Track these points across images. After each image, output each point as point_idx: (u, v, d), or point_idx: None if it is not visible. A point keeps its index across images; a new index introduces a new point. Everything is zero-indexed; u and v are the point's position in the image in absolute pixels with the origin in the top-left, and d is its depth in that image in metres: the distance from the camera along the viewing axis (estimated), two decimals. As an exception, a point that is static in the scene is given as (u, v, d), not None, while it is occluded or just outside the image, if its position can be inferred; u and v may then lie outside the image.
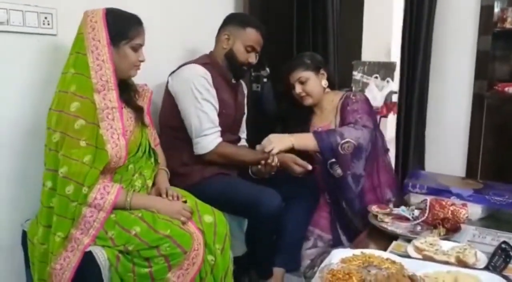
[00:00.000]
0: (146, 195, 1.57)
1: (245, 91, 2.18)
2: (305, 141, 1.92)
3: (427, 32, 2.50)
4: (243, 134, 2.18)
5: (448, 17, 2.62)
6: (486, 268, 1.22)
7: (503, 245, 1.31)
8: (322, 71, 2.08)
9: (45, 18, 1.62)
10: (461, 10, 2.62)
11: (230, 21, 1.97)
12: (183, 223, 1.47)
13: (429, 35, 2.52)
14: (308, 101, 2.06)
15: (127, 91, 1.61)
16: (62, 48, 1.54)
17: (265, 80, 2.61)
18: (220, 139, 1.87)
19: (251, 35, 1.92)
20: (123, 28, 1.49)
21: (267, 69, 2.60)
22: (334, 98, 2.10)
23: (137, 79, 1.68)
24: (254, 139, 2.20)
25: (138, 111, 1.62)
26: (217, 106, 1.90)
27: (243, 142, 2.17)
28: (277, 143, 1.88)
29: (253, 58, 1.95)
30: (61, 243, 1.38)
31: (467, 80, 2.64)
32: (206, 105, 1.85)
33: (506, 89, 2.69)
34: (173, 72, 1.93)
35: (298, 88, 2.04)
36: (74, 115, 1.40)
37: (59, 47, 1.60)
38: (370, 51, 2.32)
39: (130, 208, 1.46)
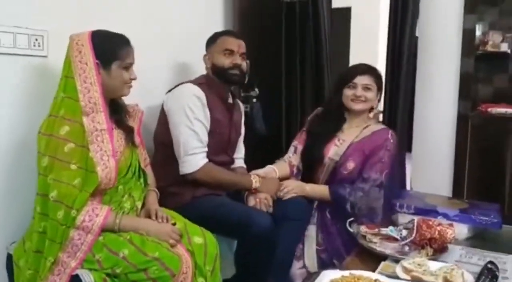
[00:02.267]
0: (135, 217, 1.56)
1: (242, 111, 2.19)
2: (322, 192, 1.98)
3: (409, 54, 2.56)
4: (239, 154, 2.18)
5: (432, 40, 2.69)
6: (473, 288, 1.24)
7: (489, 265, 1.33)
8: (379, 95, 2.10)
9: (36, 40, 1.63)
10: (444, 34, 2.70)
11: (207, 44, 2.04)
12: (172, 245, 1.46)
13: (411, 57, 2.58)
14: (359, 106, 2.03)
15: (117, 111, 1.61)
16: (53, 70, 1.55)
17: (254, 100, 2.64)
18: (206, 160, 1.88)
19: (223, 41, 1.97)
20: (112, 49, 1.50)
21: (256, 89, 2.63)
22: (370, 122, 2.11)
23: (130, 99, 1.69)
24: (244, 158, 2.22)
25: (128, 131, 1.61)
26: (208, 127, 1.91)
27: (239, 163, 2.17)
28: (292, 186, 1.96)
29: (237, 60, 1.96)
30: (49, 267, 1.37)
31: (451, 101, 2.70)
32: (197, 124, 1.87)
33: (489, 109, 2.77)
34: (169, 90, 1.97)
35: (360, 92, 2.02)
36: (64, 138, 1.40)
37: (50, 68, 1.61)
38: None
39: (119, 230, 1.45)
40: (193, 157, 1.86)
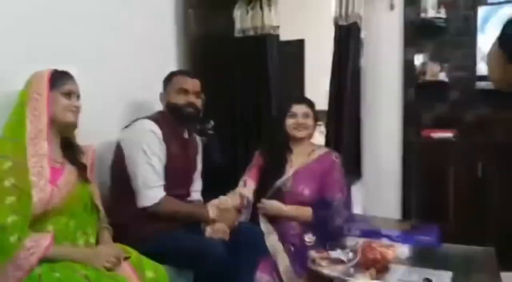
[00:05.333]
0: (69, 247, 1.57)
1: (199, 146, 2.27)
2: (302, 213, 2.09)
3: (352, 86, 2.71)
4: (196, 187, 2.23)
5: (376, 72, 2.87)
6: (410, 304, 1.33)
7: (425, 282, 1.44)
8: (318, 122, 2.30)
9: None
10: (387, 65, 2.90)
11: (163, 82, 2.13)
12: (109, 269, 1.49)
13: (355, 90, 2.73)
14: (303, 133, 2.21)
15: (70, 149, 1.67)
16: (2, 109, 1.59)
17: (210, 132, 2.71)
18: (164, 193, 1.93)
19: (177, 80, 2.06)
20: (55, 80, 1.59)
21: (211, 122, 2.70)
22: (311, 146, 2.28)
23: (87, 135, 1.76)
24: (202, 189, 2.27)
25: (81, 168, 1.67)
26: (164, 161, 1.96)
27: (195, 196, 2.22)
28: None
29: (192, 98, 2.04)
30: None
31: (396, 128, 2.87)
32: (154, 159, 1.92)
33: (431, 134, 2.95)
34: (126, 127, 2.02)
35: (300, 119, 2.20)
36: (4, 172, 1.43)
37: None
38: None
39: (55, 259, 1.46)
40: (152, 191, 1.90)
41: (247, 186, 2.24)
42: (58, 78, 1.60)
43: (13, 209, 1.40)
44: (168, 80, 2.11)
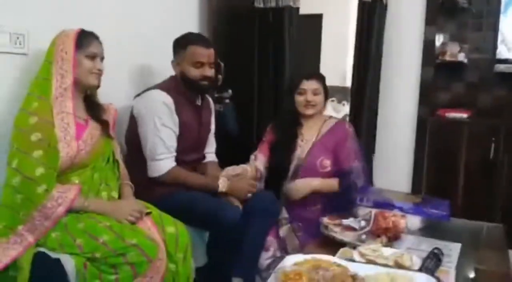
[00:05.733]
0: (95, 199, 1.64)
1: (212, 109, 2.26)
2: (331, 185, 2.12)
3: (375, 63, 2.73)
4: (210, 148, 2.26)
5: (395, 49, 2.87)
6: (420, 270, 1.39)
7: (435, 250, 1.49)
8: (326, 99, 2.25)
9: (17, 38, 1.69)
10: (406, 43, 2.89)
11: (174, 47, 2.05)
12: (131, 223, 1.57)
13: (377, 66, 2.75)
14: (311, 111, 2.16)
15: (92, 106, 1.72)
16: (32, 67, 1.63)
17: (227, 101, 2.75)
18: (173, 164, 1.95)
19: (193, 51, 1.98)
20: (80, 40, 1.62)
21: (229, 90, 2.74)
22: (322, 118, 2.25)
23: (103, 98, 1.79)
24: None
25: (103, 124, 1.72)
26: (177, 131, 1.98)
27: (210, 157, 2.25)
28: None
29: (207, 71, 1.99)
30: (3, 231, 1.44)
31: (412, 107, 2.89)
32: (164, 131, 1.93)
33: (446, 114, 2.97)
34: (138, 95, 2.02)
35: (310, 97, 2.15)
36: (31, 127, 1.48)
37: (30, 66, 1.68)
38: (327, 76, 2.50)
39: (84, 211, 1.55)
40: (159, 163, 1.93)
41: (257, 160, 2.24)
42: (84, 39, 1.63)
43: (40, 162, 1.47)
44: (181, 48, 2.01)
